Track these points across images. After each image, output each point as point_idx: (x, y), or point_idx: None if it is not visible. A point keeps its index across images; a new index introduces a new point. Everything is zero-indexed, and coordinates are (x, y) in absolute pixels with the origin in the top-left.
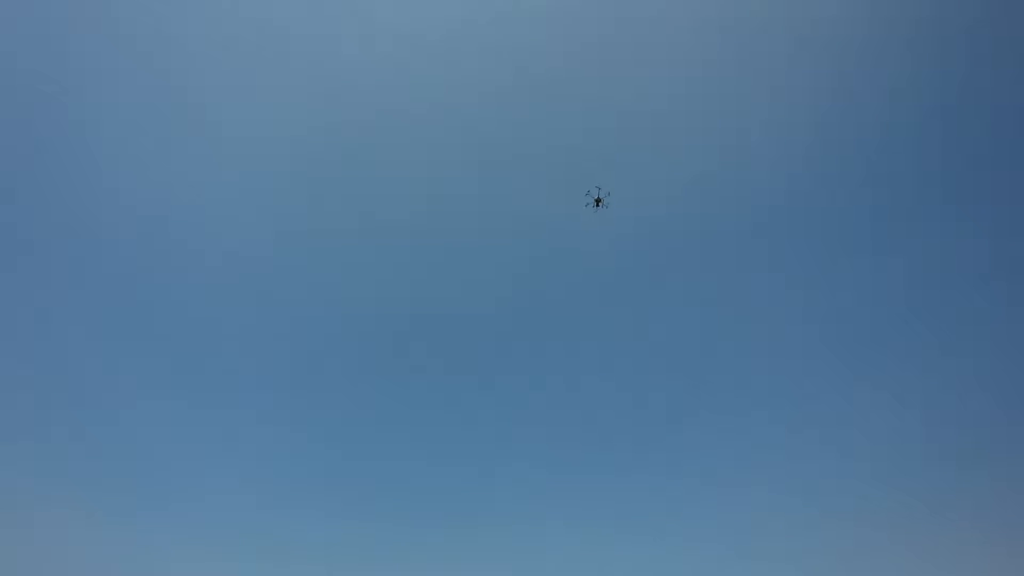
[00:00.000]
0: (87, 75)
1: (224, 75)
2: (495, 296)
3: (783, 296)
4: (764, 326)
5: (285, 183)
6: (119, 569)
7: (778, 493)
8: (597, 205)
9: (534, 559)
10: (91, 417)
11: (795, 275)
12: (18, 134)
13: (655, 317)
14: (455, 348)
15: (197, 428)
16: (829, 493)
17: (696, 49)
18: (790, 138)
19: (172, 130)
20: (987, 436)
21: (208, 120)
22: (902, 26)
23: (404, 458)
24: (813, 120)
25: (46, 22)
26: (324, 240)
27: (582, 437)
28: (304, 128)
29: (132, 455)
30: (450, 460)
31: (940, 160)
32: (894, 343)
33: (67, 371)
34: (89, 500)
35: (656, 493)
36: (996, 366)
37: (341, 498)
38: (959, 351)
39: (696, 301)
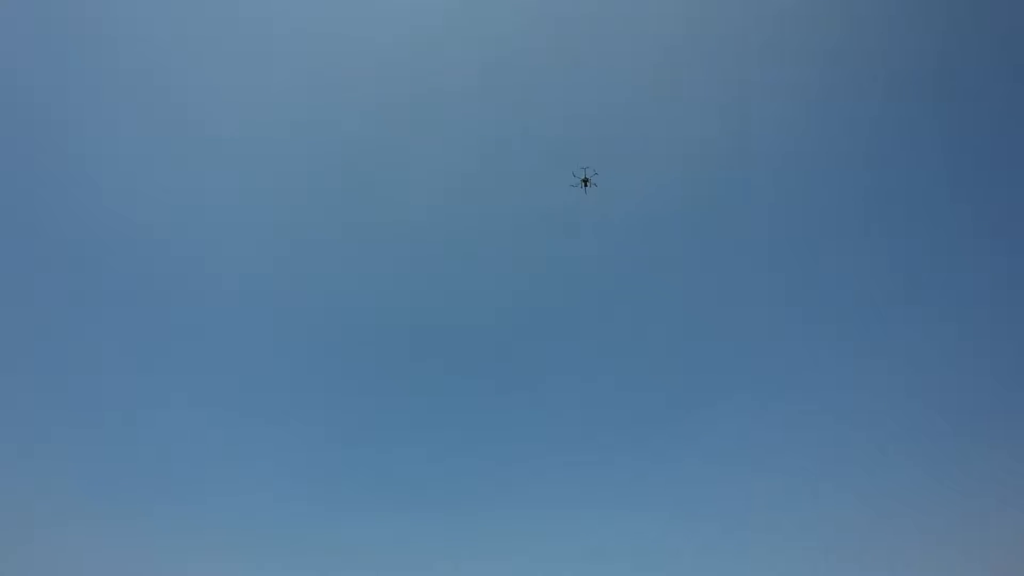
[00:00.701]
0: (79, 77)
1: (216, 77)
2: (500, 295)
3: (783, 287)
4: (764, 317)
5: (285, 187)
6: (133, 569)
7: (788, 478)
8: (584, 186)
9: (547, 551)
10: (100, 420)
11: (793, 265)
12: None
13: (656, 309)
14: (465, 347)
15: (211, 430)
16: (843, 476)
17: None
18: (786, 123)
19: (169, 135)
20: (989, 419)
21: (207, 123)
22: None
23: (416, 457)
24: (809, 100)
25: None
26: (331, 244)
27: (592, 432)
28: (302, 130)
29: (144, 456)
30: (462, 458)
31: (937, 146)
32: (897, 332)
33: (80, 375)
34: (101, 501)
35: (665, 482)
36: (999, 354)
37: (353, 497)
38: (964, 335)
39: (695, 293)
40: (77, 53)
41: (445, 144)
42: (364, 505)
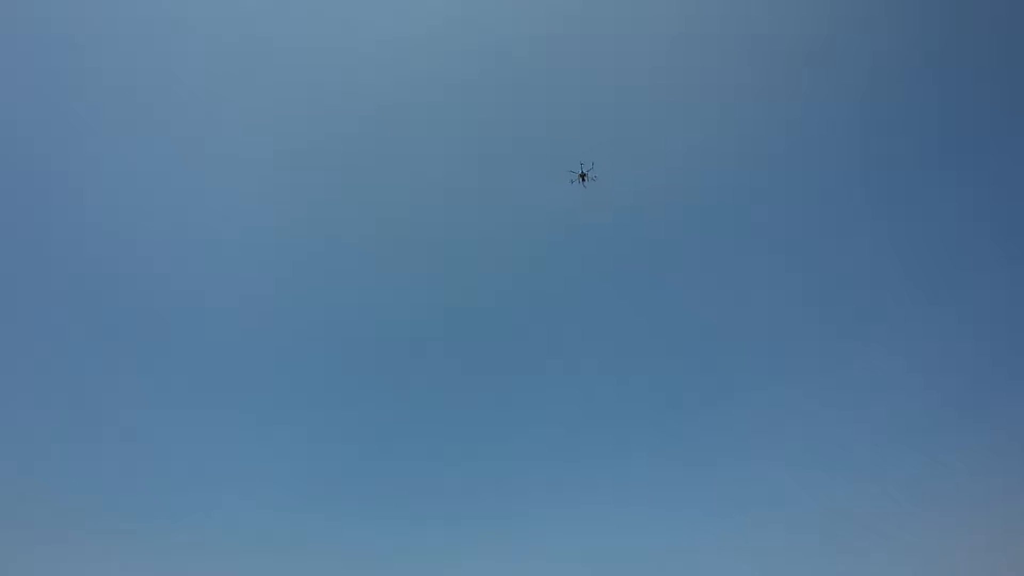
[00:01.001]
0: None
1: (214, 80)
2: (500, 292)
3: (784, 284)
4: (766, 314)
5: (284, 188)
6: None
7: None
8: (583, 181)
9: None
10: (103, 424)
11: (793, 253)
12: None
13: (660, 303)
14: (464, 346)
15: (211, 435)
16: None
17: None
18: (782, 122)
19: (172, 140)
20: (992, 399)
21: (210, 127)
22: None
23: (421, 457)
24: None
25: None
26: (330, 246)
27: (600, 428)
28: (299, 134)
29: (148, 460)
30: (467, 460)
31: (935, 122)
32: (901, 316)
33: (85, 380)
34: (103, 504)
35: (675, 477)
36: (1001, 342)
37: (357, 498)
38: (967, 318)
39: (697, 292)
40: (73, 60)
41: (444, 144)
42: (368, 507)
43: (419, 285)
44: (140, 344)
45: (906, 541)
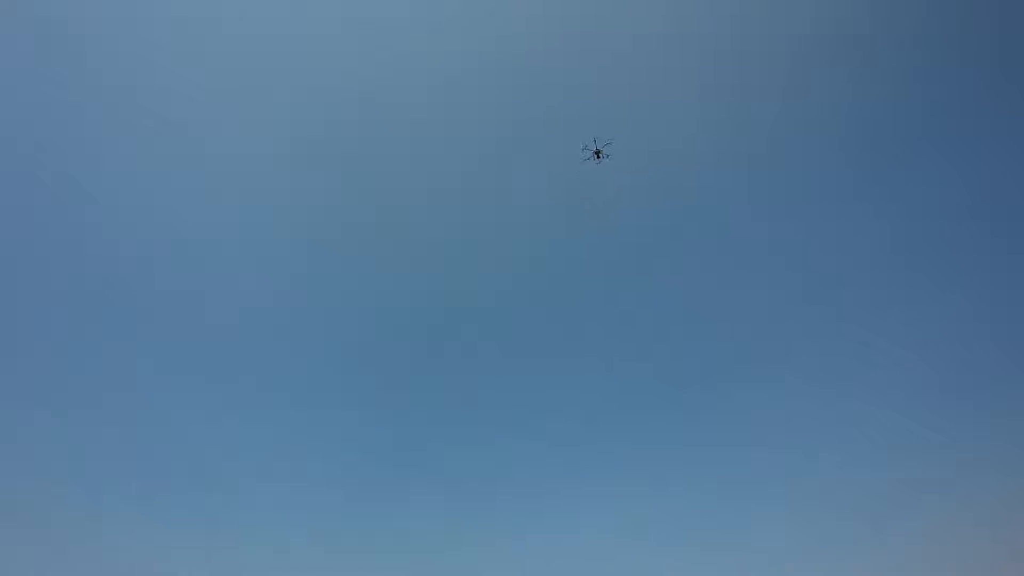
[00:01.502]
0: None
1: (212, 82)
2: (502, 292)
3: (783, 273)
4: (766, 300)
5: (286, 188)
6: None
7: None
8: (597, 157)
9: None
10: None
11: (794, 251)
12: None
13: (662, 299)
14: (487, 338)
15: (216, 432)
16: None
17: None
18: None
19: (172, 137)
20: (993, 396)
21: (218, 129)
22: None
23: (438, 454)
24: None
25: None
26: (335, 245)
27: (601, 419)
28: (300, 133)
29: (146, 460)
30: (487, 446)
31: (920, 102)
32: (901, 312)
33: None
34: (129, 495)
35: (677, 466)
36: (990, 303)
37: (378, 491)
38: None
39: (700, 279)
40: (72, 63)
41: (446, 142)
42: (382, 502)
43: (430, 284)
44: (141, 344)
45: (907, 535)
